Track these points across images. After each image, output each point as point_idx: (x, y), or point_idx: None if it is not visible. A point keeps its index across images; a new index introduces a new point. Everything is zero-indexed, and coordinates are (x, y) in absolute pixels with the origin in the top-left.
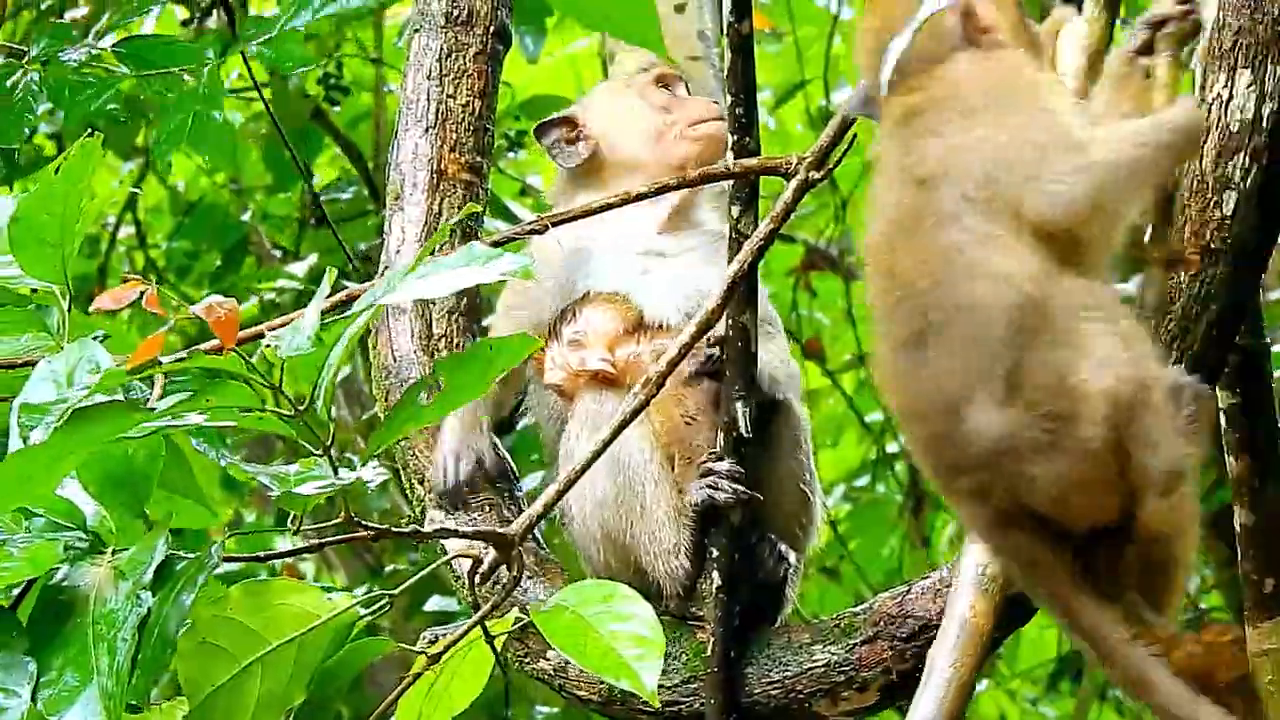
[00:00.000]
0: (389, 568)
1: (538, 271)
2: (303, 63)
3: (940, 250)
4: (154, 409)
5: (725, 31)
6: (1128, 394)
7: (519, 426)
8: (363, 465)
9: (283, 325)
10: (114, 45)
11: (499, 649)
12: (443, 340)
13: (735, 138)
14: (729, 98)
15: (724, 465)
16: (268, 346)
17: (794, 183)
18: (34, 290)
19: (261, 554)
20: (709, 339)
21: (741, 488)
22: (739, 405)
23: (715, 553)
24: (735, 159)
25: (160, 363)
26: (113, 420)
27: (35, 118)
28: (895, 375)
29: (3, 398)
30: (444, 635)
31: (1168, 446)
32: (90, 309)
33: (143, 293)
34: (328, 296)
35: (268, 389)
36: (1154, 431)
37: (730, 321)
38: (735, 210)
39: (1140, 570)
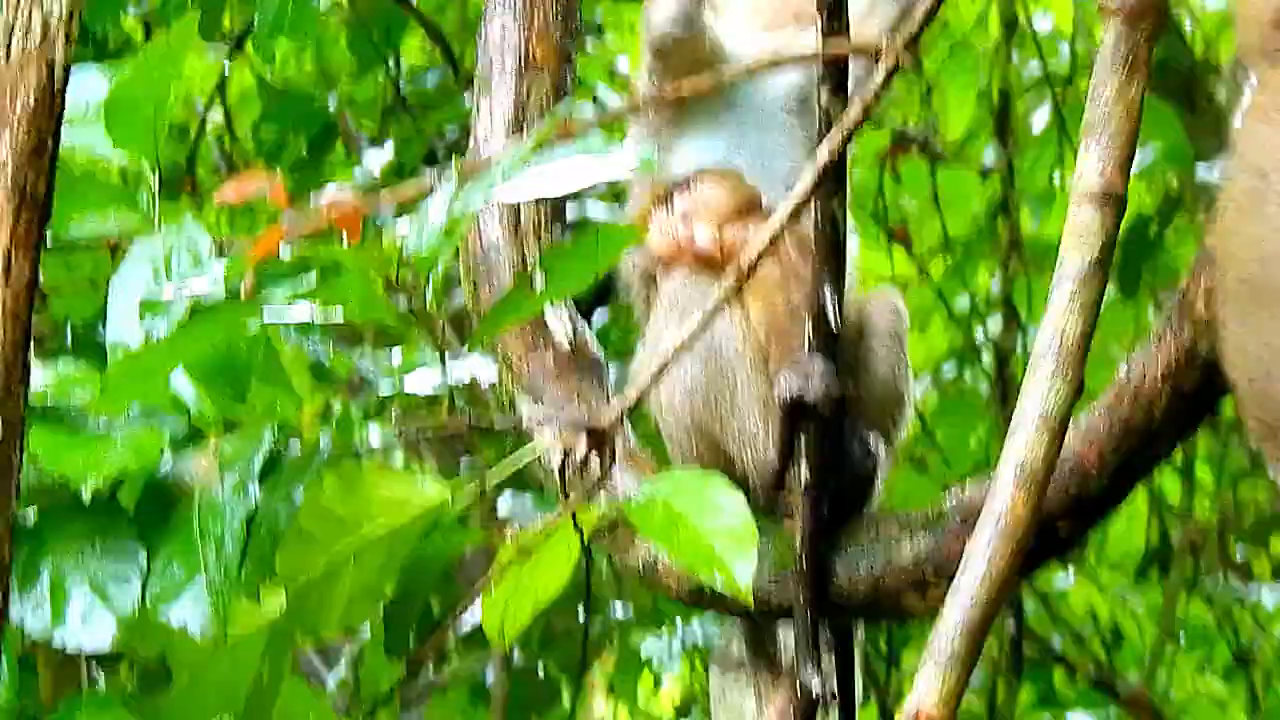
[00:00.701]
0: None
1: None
2: None
3: None
4: (264, 302)
5: None
6: None
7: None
8: (468, 356)
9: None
10: None
11: (587, 541)
12: (530, 227)
13: (824, 18)
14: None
15: (815, 361)
16: (390, 241)
17: (883, 65)
18: (123, 174)
19: (359, 446)
20: None
21: (831, 384)
22: (829, 296)
23: (803, 447)
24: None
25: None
26: (227, 313)
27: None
28: None
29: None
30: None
31: None
32: (215, 199)
33: (267, 183)
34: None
35: (382, 282)
36: None
37: (820, 208)
38: (824, 94)
39: None
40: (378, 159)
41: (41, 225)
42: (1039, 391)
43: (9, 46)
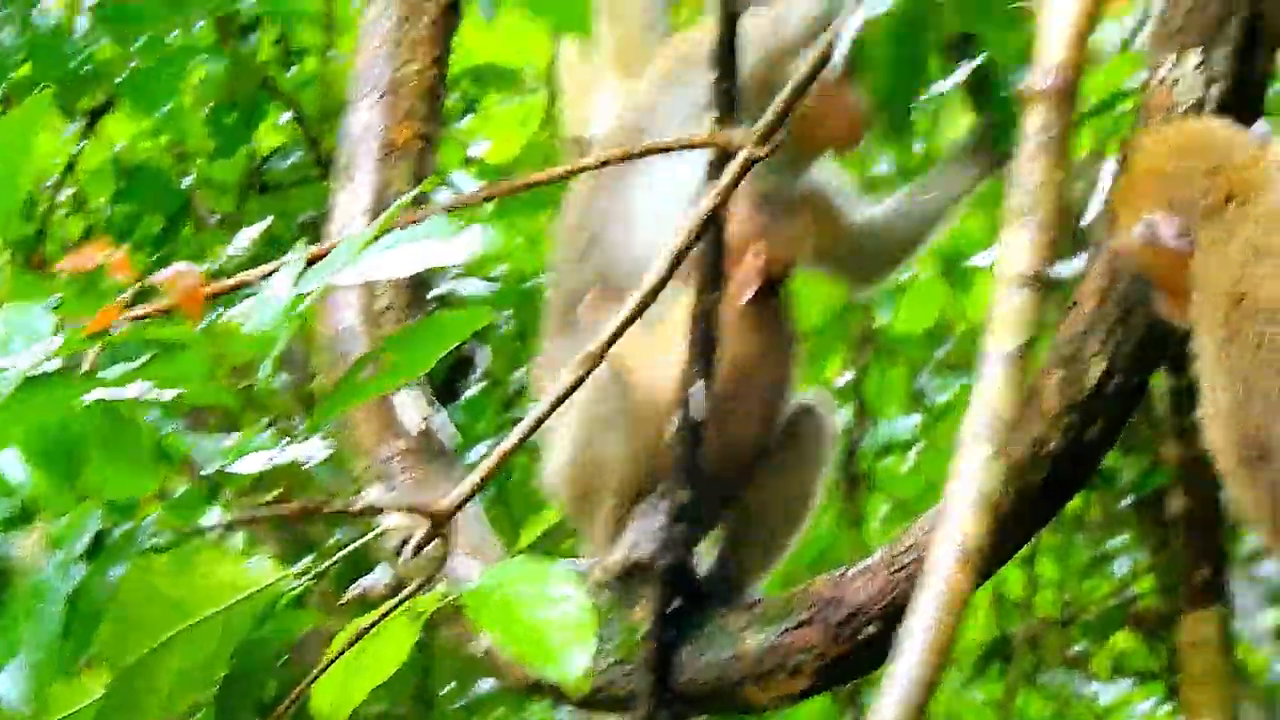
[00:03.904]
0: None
1: None
2: (303, 11)
3: None
4: (101, 377)
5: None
6: None
7: (463, 396)
8: (305, 439)
9: (230, 290)
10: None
11: (425, 628)
12: (389, 311)
13: (717, 112)
14: (713, 71)
15: (656, 520)
16: (227, 320)
17: (739, 157)
18: None
19: (192, 528)
20: None
21: (671, 554)
22: (696, 389)
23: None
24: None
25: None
26: (60, 389)
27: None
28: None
29: None
30: (375, 584)
31: None
32: (56, 270)
33: (109, 256)
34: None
35: (219, 361)
36: None
37: (697, 303)
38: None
39: None
40: (245, 237)
41: None
42: (974, 472)
43: None
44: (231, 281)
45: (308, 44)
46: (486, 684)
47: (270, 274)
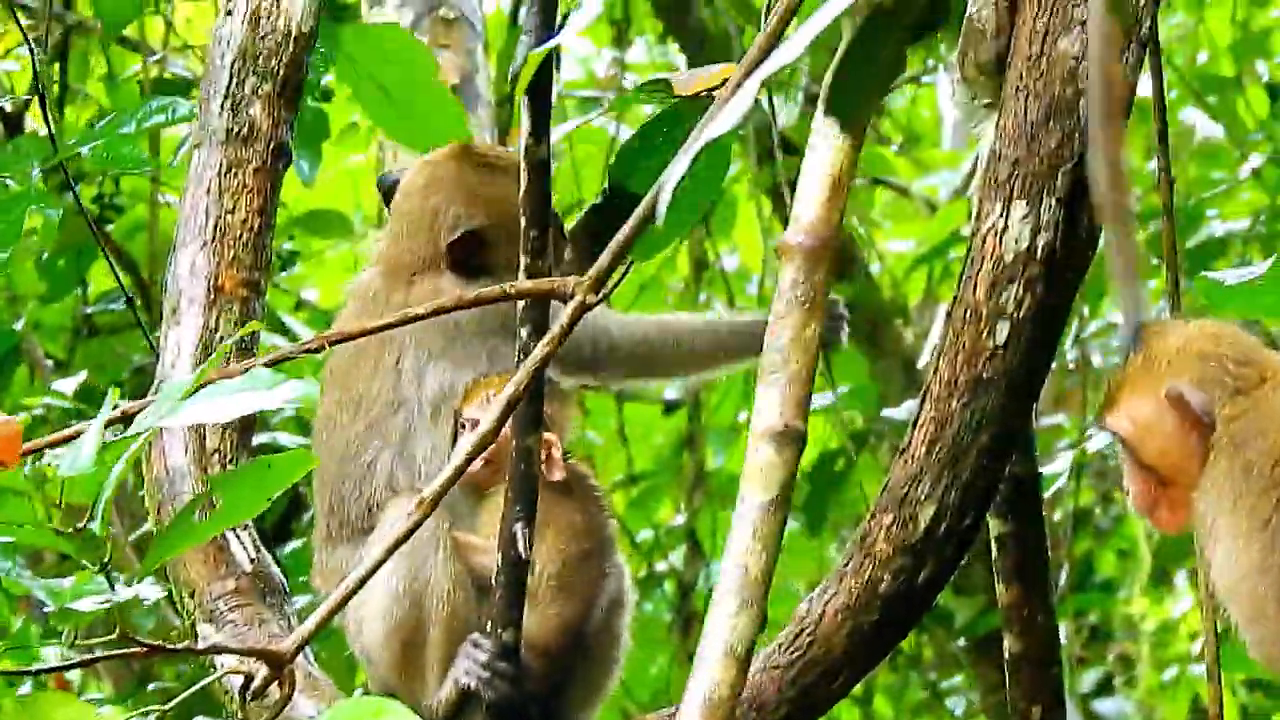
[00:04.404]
0: (155, 684)
1: None
2: (136, 164)
3: None
4: None
5: (523, 152)
6: None
7: (294, 544)
8: (139, 581)
9: (59, 441)
10: None
11: None
12: (216, 455)
13: (528, 260)
14: (523, 219)
15: (485, 651)
16: (47, 464)
17: (571, 305)
18: None
19: (34, 668)
20: None
21: (501, 684)
22: (518, 527)
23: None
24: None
25: None
26: None
27: None
28: None
29: None
30: None
31: None
32: None
33: None
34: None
35: (49, 506)
36: None
37: (515, 445)
38: (524, 332)
39: None
40: (68, 385)
41: None
42: (723, 625)
43: None
44: (55, 436)
45: (136, 189)
46: None
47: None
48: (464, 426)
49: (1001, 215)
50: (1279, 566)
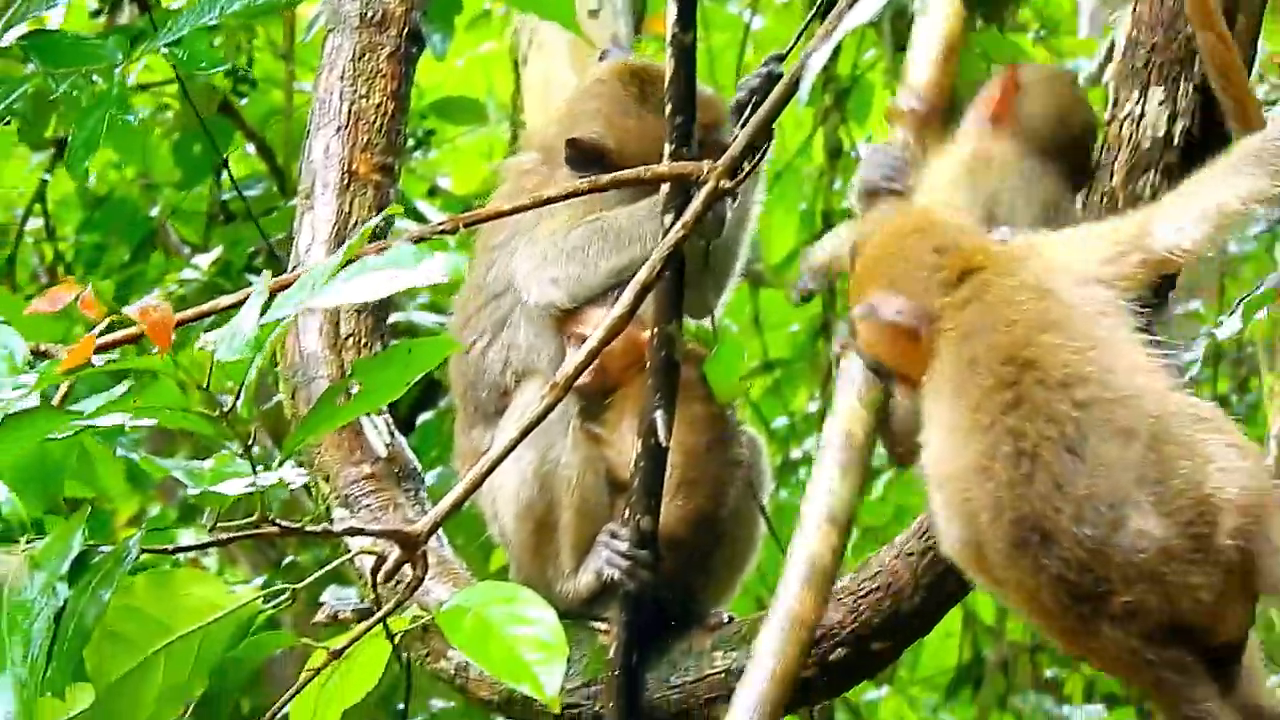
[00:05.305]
0: (289, 559)
1: None
2: (212, 64)
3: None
4: (81, 410)
5: (670, 41)
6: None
7: (419, 422)
8: (280, 465)
9: (195, 319)
10: (21, 39)
11: (399, 647)
12: (351, 339)
13: (673, 147)
14: (669, 105)
15: (623, 540)
16: (200, 349)
17: (704, 190)
18: None
19: (172, 547)
20: None
21: (642, 573)
22: (659, 415)
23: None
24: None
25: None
26: (41, 421)
27: None
28: (1025, 484)
29: None
30: (343, 608)
31: None
32: (26, 311)
33: (78, 295)
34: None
35: (195, 390)
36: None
37: (654, 329)
38: (668, 219)
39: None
40: (204, 260)
41: None
42: (823, 491)
43: None
44: (193, 312)
45: (270, 72)
46: (438, 703)
47: (237, 303)
48: (570, 340)
49: (1138, 102)
50: (999, 476)
